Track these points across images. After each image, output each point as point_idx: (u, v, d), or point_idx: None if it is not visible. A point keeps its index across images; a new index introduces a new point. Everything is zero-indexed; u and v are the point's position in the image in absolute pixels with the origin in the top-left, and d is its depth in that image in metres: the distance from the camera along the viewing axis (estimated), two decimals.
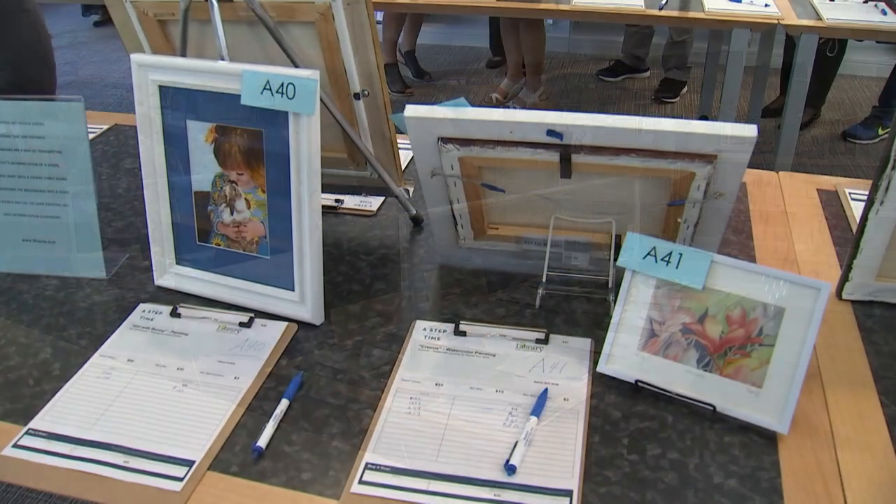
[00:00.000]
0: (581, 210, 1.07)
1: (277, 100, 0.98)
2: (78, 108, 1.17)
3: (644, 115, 3.44)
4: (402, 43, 4.67)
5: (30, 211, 1.22)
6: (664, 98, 4.32)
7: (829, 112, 4.19)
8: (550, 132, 0.92)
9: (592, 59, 4.96)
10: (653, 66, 4.61)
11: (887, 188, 1.03)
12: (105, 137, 1.74)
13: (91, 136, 1.71)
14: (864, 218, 1.07)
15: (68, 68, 5.29)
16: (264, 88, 0.99)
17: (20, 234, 1.23)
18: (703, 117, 3.83)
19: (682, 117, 3.88)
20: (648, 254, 0.95)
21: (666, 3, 2.76)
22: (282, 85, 0.98)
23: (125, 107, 4.57)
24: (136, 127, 1.13)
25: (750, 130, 0.91)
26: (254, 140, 1.05)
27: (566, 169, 0.97)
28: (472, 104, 2.62)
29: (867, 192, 1.05)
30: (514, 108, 4.14)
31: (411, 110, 0.95)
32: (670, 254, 0.95)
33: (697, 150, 0.93)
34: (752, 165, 0.93)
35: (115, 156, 1.65)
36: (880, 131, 3.86)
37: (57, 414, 0.95)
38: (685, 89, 4.38)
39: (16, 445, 0.90)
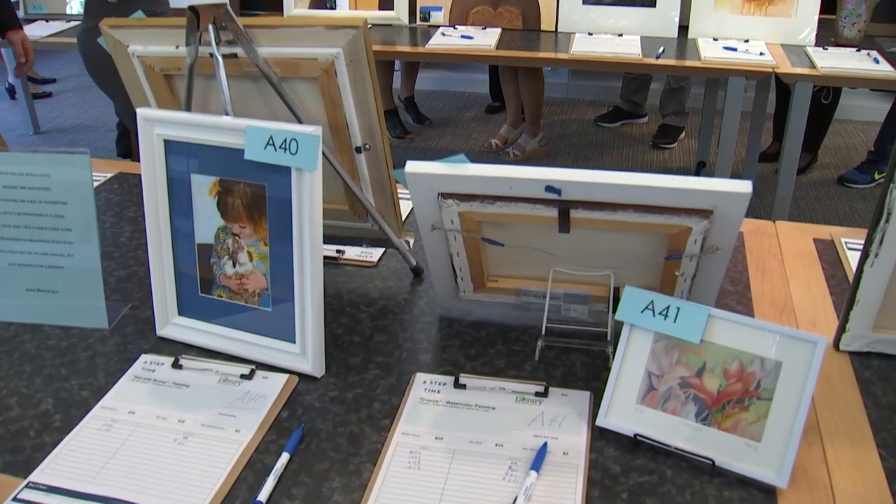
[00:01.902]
0: (579, 263, 1.08)
1: (280, 155, 1.00)
2: (84, 161, 1.18)
3: (642, 160, 3.50)
4: (401, 89, 4.73)
5: (34, 261, 1.23)
6: (662, 144, 4.36)
7: (826, 156, 4.22)
8: (549, 188, 0.94)
9: (591, 104, 5.01)
10: (651, 111, 4.67)
11: (881, 241, 1.04)
12: (109, 185, 1.76)
13: (95, 183, 1.73)
14: (860, 270, 1.08)
15: (73, 111, 5.34)
16: (268, 144, 1.01)
17: (24, 284, 1.24)
18: (701, 163, 3.86)
19: (680, 163, 3.93)
20: (646, 308, 0.96)
21: (663, 51, 2.81)
22: (285, 140, 0.99)
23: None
24: (139, 175, 1.15)
25: (744, 186, 0.93)
26: (257, 194, 1.07)
27: (564, 223, 0.99)
28: (472, 149, 2.63)
29: (862, 242, 1.07)
30: (514, 153, 4.18)
31: (412, 166, 0.97)
32: (668, 308, 0.96)
33: (693, 205, 0.95)
34: (750, 210, 0.94)
35: (118, 204, 1.66)
36: (876, 176, 3.89)
37: (57, 467, 0.95)
38: (683, 135, 4.42)
39: (15, 499, 0.90)
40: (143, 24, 1.19)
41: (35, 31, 3.48)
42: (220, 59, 1.10)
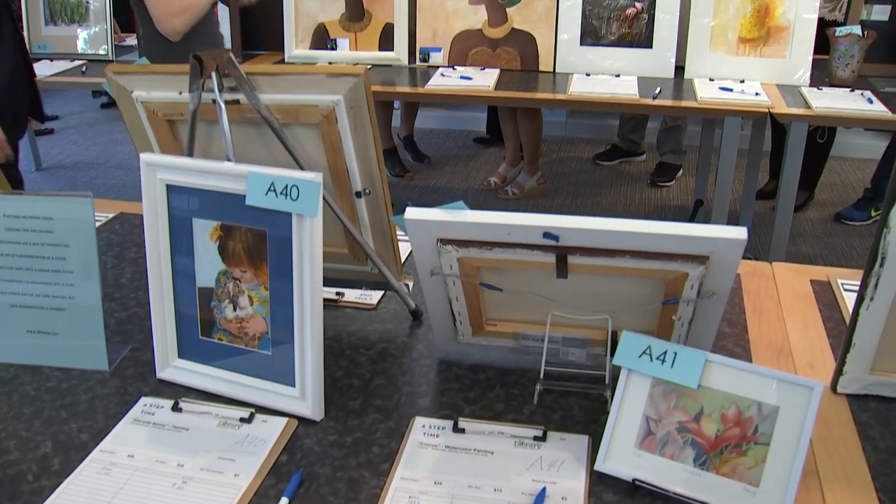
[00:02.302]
0: (577, 307, 1.09)
1: (282, 201, 1.02)
2: (86, 204, 1.19)
3: (640, 198, 3.53)
4: (401, 128, 4.78)
5: (35, 303, 1.24)
6: (660, 182, 4.39)
7: (823, 193, 4.25)
8: (547, 234, 0.95)
9: (589, 142, 5.05)
10: (648, 149, 4.71)
11: (876, 285, 1.06)
12: (111, 226, 1.77)
13: (97, 223, 1.74)
14: (856, 314, 1.09)
15: (75, 148, 5.39)
16: (269, 189, 1.02)
17: (25, 326, 1.25)
18: (699, 202, 3.89)
19: (677, 201, 3.95)
20: (644, 353, 0.97)
21: (660, 92, 2.84)
22: (286, 187, 1.01)
23: (129, 187, 4.64)
24: (140, 216, 1.16)
25: (740, 233, 0.94)
26: (258, 239, 1.08)
27: (562, 269, 1.00)
28: (471, 187, 2.65)
29: (858, 284, 1.08)
30: (513, 191, 4.21)
31: (411, 213, 0.98)
32: (665, 353, 0.96)
33: (690, 251, 0.96)
34: (748, 248, 0.95)
35: (119, 245, 1.67)
36: (873, 213, 3.92)
37: None
38: (680, 172, 4.45)
39: None
40: (147, 71, 1.21)
41: (40, 70, 3.51)
42: (222, 105, 1.12)
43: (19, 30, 2.31)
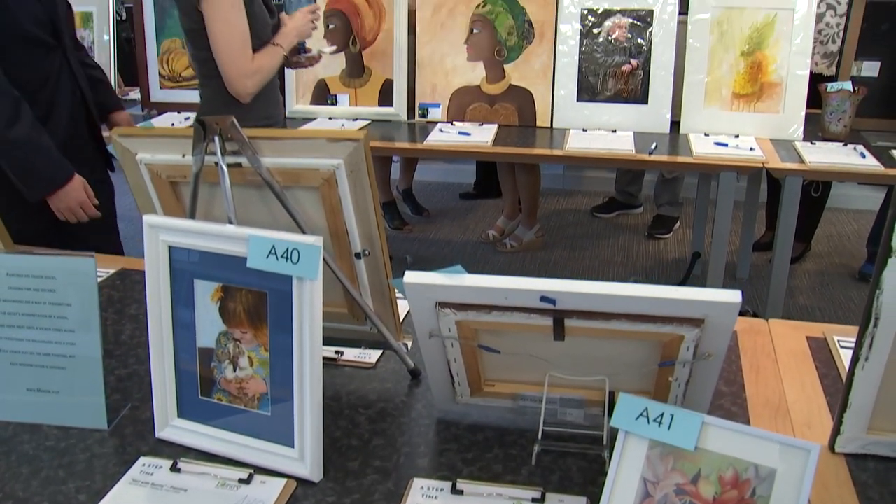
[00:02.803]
0: (575, 369, 1.10)
1: (282, 264, 1.03)
2: (89, 265, 1.21)
3: (638, 250, 3.54)
4: (400, 181, 4.81)
5: (35, 361, 1.24)
6: (657, 234, 4.41)
7: (819, 245, 4.28)
8: (544, 298, 0.97)
9: (587, 195, 5.09)
10: (645, 201, 4.74)
11: (871, 345, 1.07)
12: (111, 281, 1.78)
13: (98, 278, 1.75)
14: (851, 374, 1.10)
15: None
16: (270, 253, 1.04)
17: (25, 384, 1.25)
18: (696, 254, 3.91)
19: (675, 253, 3.96)
20: (641, 415, 0.97)
21: (655, 147, 2.87)
22: (287, 250, 1.03)
23: (128, 239, 4.63)
24: (142, 272, 1.17)
25: (734, 297, 0.95)
26: (258, 301, 1.09)
27: (559, 332, 1.01)
28: (469, 240, 2.65)
29: (854, 341, 1.09)
30: (511, 244, 4.23)
31: (410, 277, 1.00)
32: (662, 415, 0.97)
33: (685, 314, 0.97)
34: (746, 300, 0.97)
35: (120, 301, 1.68)
36: None
37: None
38: (678, 224, 4.48)
39: None
40: (152, 134, 1.24)
41: None
42: (224, 168, 1.14)
43: (79, 79, 2.27)
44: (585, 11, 3.16)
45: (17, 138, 2.00)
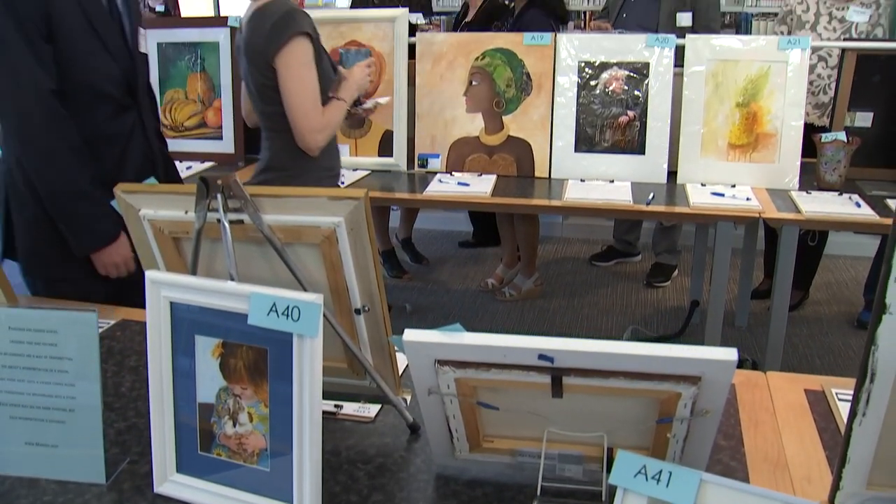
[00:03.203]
0: (573, 425, 1.10)
1: (283, 321, 1.04)
2: (91, 320, 1.22)
3: (636, 299, 3.54)
4: (399, 230, 4.83)
5: (35, 415, 1.25)
6: (656, 283, 4.42)
7: (817, 292, 4.29)
8: (542, 356, 0.98)
9: (585, 243, 5.11)
10: (644, 250, 4.76)
11: (868, 400, 1.07)
12: (111, 332, 1.79)
13: (99, 329, 1.76)
14: (849, 429, 1.10)
15: None
16: (271, 310, 1.05)
17: (23, 437, 1.25)
18: (695, 302, 3.91)
19: (673, 301, 3.96)
20: (639, 472, 0.97)
21: (653, 198, 2.90)
22: (287, 308, 1.04)
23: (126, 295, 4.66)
24: (142, 323, 1.18)
25: (730, 354, 0.96)
26: (259, 357, 1.10)
27: (557, 389, 1.02)
28: (469, 289, 2.64)
29: (852, 393, 1.09)
30: (510, 293, 4.25)
31: (409, 335, 1.01)
32: (660, 472, 0.97)
33: (682, 372, 0.98)
34: (745, 348, 0.98)
35: (120, 352, 1.69)
36: None
37: None
38: (676, 272, 4.49)
39: None
40: (155, 190, 1.26)
41: None
42: (226, 225, 1.16)
43: (152, 142, 2.25)
44: (582, 64, 3.21)
45: (75, 191, 2.00)
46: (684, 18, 3.95)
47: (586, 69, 3.21)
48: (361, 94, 2.44)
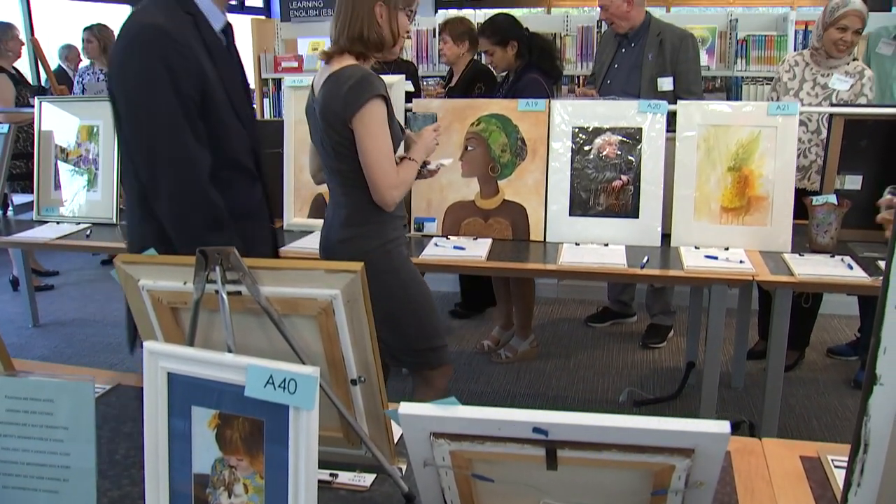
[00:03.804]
0: (568, 497, 1.10)
1: (279, 394, 1.05)
2: (87, 389, 1.22)
3: (632, 360, 3.54)
4: None
5: (30, 485, 1.24)
6: (651, 344, 4.42)
7: (813, 353, 4.29)
8: (536, 430, 0.98)
9: (580, 304, 5.12)
10: (639, 310, 4.76)
11: (862, 471, 1.08)
12: (107, 398, 1.79)
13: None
14: (845, 500, 1.10)
15: (73, 305, 5.44)
16: (267, 382, 1.06)
17: None
18: (691, 364, 3.91)
19: (669, 362, 3.96)
20: None
21: (647, 261, 2.92)
22: (284, 380, 1.05)
23: (124, 346, 4.65)
24: (138, 388, 1.18)
25: (722, 427, 0.97)
26: (255, 429, 1.11)
27: (552, 462, 1.02)
28: (464, 350, 2.62)
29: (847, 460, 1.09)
30: (506, 355, 4.24)
31: (405, 408, 1.02)
32: None
33: (675, 445, 0.99)
34: (741, 408, 0.98)
35: (115, 418, 1.68)
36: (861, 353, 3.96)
37: None
38: (671, 333, 4.49)
39: None
40: (154, 261, 1.28)
41: (45, 233, 3.63)
42: (224, 297, 1.18)
43: (273, 215, 2.29)
44: (576, 129, 3.27)
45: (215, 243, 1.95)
46: (665, 83, 4.06)
47: (580, 134, 3.27)
48: (429, 155, 2.51)
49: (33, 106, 4.02)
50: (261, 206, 2.23)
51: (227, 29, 2.09)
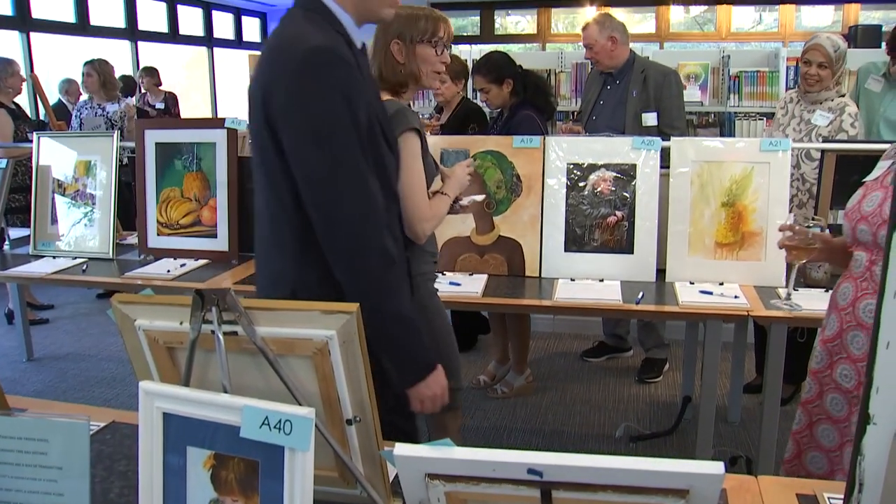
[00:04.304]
0: None
1: (275, 435, 1.05)
2: (82, 429, 1.22)
3: (628, 394, 3.53)
4: None
5: None
6: (647, 379, 4.41)
7: None
8: (531, 471, 0.99)
9: (576, 338, 5.12)
10: (635, 344, 4.76)
11: None
12: (101, 436, 1.78)
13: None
14: None
15: (68, 339, 5.43)
16: (263, 423, 1.06)
17: None
18: (687, 398, 3.91)
19: (665, 397, 3.95)
20: None
21: (642, 297, 2.93)
22: (280, 421, 1.05)
23: (118, 381, 4.65)
24: (132, 425, 1.18)
25: (717, 468, 0.97)
26: (250, 469, 1.11)
27: (547, 503, 1.02)
28: (461, 386, 2.56)
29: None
30: (502, 390, 4.24)
31: (400, 449, 1.02)
32: None
33: (669, 486, 0.99)
34: (737, 443, 0.99)
35: (109, 457, 1.68)
36: None
37: None
38: (667, 366, 4.49)
39: None
40: (151, 301, 1.28)
41: (41, 267, 3.62)
42: (221, 338, 1.18)
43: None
44: (571, 166, 3.29)
45: (402, 315, 1.77)
46: (650, 118, 4.14)
47: (575, 171, 3.29)
48: (462, 190, 2.52)
49: (31, 141, 4.04)
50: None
51: (364, 48, 1.93)
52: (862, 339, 1.96)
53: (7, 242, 4.13)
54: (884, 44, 4.58)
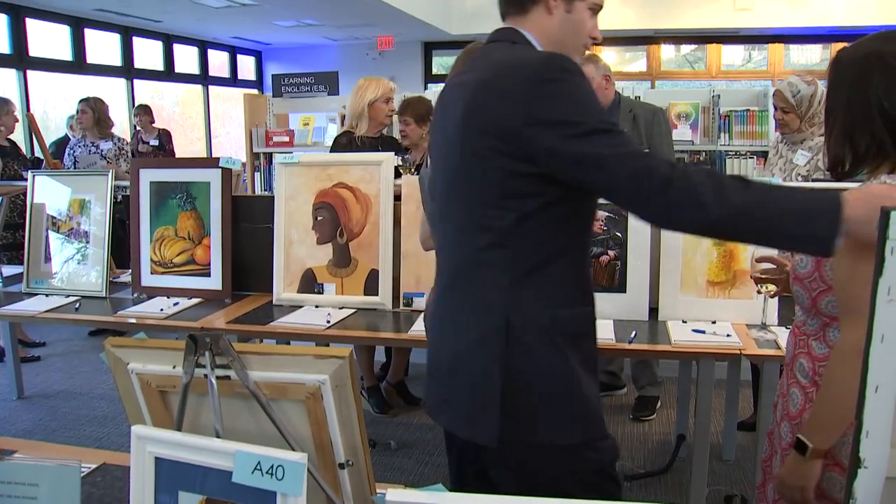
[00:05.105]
0: None
1: (267, 480, 1.05)
2: (73, 473, 1.22)
3: (623, 432, 3.52)
4: (390, 375, 4.68)
5: None
6: (641, 417, 4.40)
7: None
8: None
9: None
10: (628, 381, 4.76)
11: None
12: (92, 478, 1.77)
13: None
14: None
15: (60, 376, 5.40)
16: (255, 468, 1.06)
17: None
18: (681, 437, 3.90)
19: (659, 435, 3.94)
20: None
21: (635, 336, 2.94)
22: (272, 466, 1.05)
23: (109, 419, 4.62)
24: (124, 467, 1.18)
25: None
26: None
27: None
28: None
29: None
30: None
31: (392, 495, 1.02)
32: None
33: None
34: (731, 482, 0.99)
35: (100, 499, 1.67)
36: None
37: None
38: (659, 403, 4.48)
39: None
40: (144, 345, 1.29)
41: (34, 305, 3.62)
42: (213, 382, 1.19)
43: None
44: None
45: (745, 202, 1.49)
46: None
47: None
48: None
49: (24, 178, 4.06)
50: None
51: None
52: (798, 398, 1.77)
53: (0, 280, 4.12)
54: None
